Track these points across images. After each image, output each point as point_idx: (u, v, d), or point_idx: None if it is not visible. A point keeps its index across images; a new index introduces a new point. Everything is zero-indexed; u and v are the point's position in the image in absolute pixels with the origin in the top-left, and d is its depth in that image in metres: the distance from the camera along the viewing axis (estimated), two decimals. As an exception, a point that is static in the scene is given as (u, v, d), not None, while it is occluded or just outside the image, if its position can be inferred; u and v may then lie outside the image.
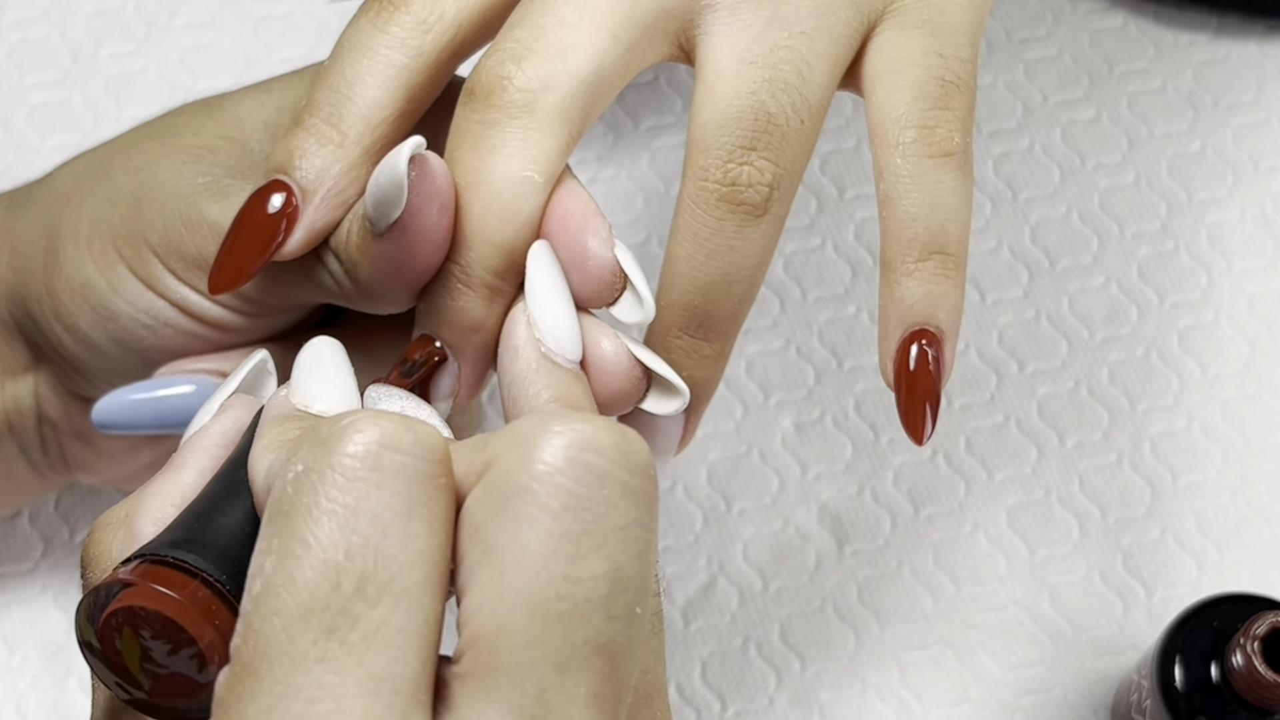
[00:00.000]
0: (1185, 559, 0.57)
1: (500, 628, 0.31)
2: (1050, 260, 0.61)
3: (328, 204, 0.41)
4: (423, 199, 0.39)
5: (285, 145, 0.41)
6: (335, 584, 0.31)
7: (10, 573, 0.55)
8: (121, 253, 0.44)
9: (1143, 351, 0.60)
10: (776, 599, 0.56)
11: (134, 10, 0.63)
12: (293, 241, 0.41)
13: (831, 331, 0.59)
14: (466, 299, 0.41)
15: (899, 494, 0.57)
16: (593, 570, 0.32)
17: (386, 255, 0.40)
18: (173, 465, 0.39)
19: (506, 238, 0.40)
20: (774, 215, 0.42)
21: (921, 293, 0.42)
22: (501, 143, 0.40)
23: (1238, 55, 0.64)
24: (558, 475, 0.32)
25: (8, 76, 0.62)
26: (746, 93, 0.41)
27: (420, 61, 0.41)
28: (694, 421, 0.45)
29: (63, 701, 0.54)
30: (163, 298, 0.44)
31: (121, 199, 0.45)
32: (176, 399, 0.44)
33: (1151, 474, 0.58)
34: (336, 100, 0.41)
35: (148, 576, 0.34)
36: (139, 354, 0.45)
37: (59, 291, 0.45)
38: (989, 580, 0.56)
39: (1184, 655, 0.49)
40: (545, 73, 0.40)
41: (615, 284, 0.41)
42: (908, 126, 0.42)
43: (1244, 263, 0.61)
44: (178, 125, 0.46)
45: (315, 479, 0.32)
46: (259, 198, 0.41)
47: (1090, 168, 0.62)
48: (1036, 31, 0.64)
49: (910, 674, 0.55)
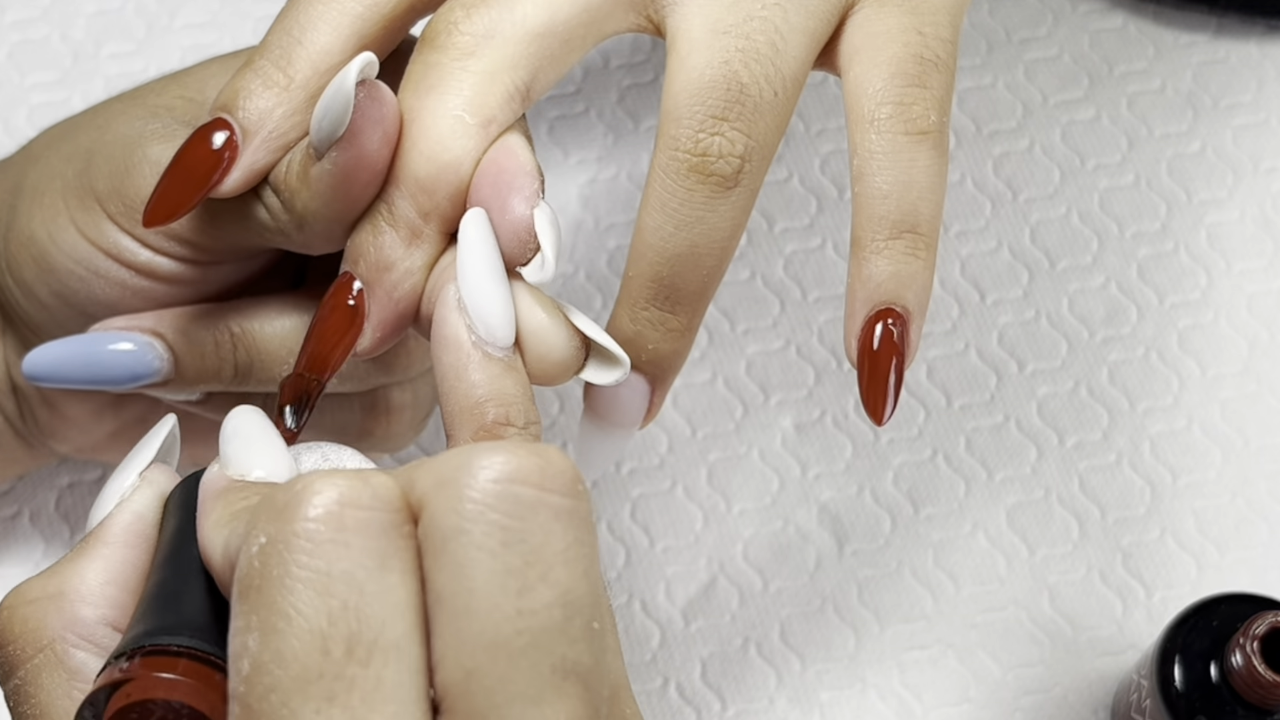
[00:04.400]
0: (1185, 559, 0.57)
1: (468, 672, 0.31)
2: (1050, 260, 0.61)
3: (267, 145, 0.41)
4: (366, 121, 0.39)
5: (232, 85, 0.42)
6: (325, 651, 0.31)
7: (10, 573, 0.55)
8: (67, 203, 0.44)
9: (1142, 352, 0.60)
10: (776, 599, 0.56)
11: (134, 11, 0.64)
12: (230, 180, 0.41)
13: (831, 331, 0.60)
14: (387, 236, 0.41)
15: (899, 494, 0.57)
16: (544, 599, 0.32)
17: (324, 177, 0.40)
18: (100, 542, 0.38)
19: (430, 174, 0.40)
20: (745, 188, 0.41)
21: (890, 271, 0.41)
22: (439, 82, 0.40)
23: (1237, 56, 0.64)
24: (490, 513, 0.32)
25: (8, 77, 0.62)
26: (719, 62, 0.41)
27: (375, 11, 0.42)
28: (659, 395, 0.44)
29: (63, 701, 0.54)
30: (97, 246, 0.44)
31: (78, 154, 0.45)
32: (108, 355, 0.44)
33: (1151, 474, 0.58)
34: (287, 44, 0.42)
35: (152, 667, 0.33)
36: (79, 309, 0.45)
37: (11, 245, 0.45)
38: (989, 580, 0.56)
39: (1183, 655, 0.49)
40: (491, 20, 0.41)
41: (529, 244, 0.40)
42: (883, 103, 0.41)
43: (1243, 263, 0.61)
44: (145, 89, 0.47)
45: (281, 549, 0.32)
46: (201, 134, 0.41)
47: (1090, 168, 0.62)
48: (1036, 32, 0.64)
49: (910, 674, 0.55)
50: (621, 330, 0.43)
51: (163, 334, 0.44)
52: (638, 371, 0.43)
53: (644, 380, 0.43)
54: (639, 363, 0.43)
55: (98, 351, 0.44)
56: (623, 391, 0.43)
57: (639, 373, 0.43)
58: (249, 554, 0.32)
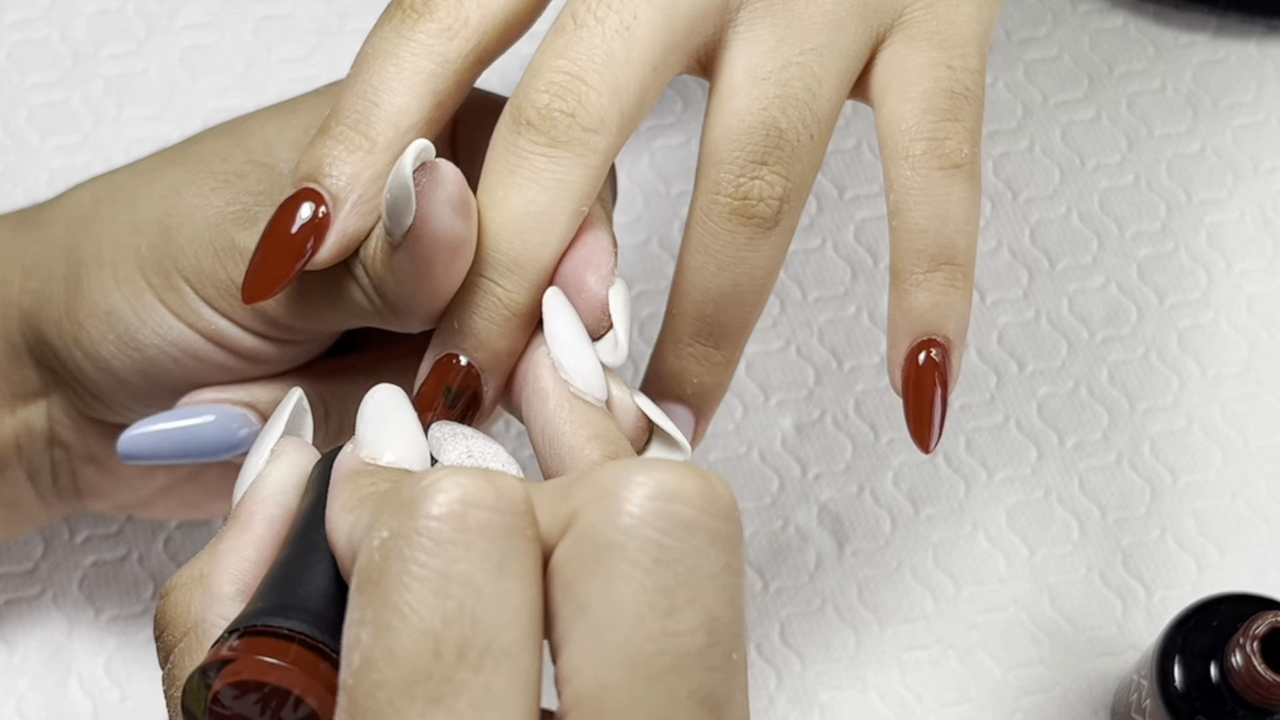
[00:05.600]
0: (1185, 559, 0.57)
1: (603, 687, 0.31)
2: (1050, 261, 0.61)
3: (358, 210, 0.41)
4: (433, 204, 0.39)
5: (313, 153, 0.41)
6: (436, 653, 0.31)
7: (10, 573, 0.55)
8: (150, 281, 0.44)
9: (1142, 352, 0.60)
10: (776, 599, 0.56)
11: (134, 11, 0.64)
12: (325, 249, 0.41)
13: (831, 331, 0.60)
14: (511, 324, 0.41)
15: (899, 494, 0.58)
16: (689, 623, 0.31)
17: (404, 265, 0.40)
18: (240, 520, 0.38)
19: (553, 267, 0.41)
20: (784, 227, 0.42)
21: (930, 303, 0.43)
22: (567, 178, 0.40)
23: (1237, 56, 0.64)
24: (646, 528, 0.32)
25: (8, 77, 0.62)
26: (759, 109, 0.42)
27: (447, 68, 0.41)
28: (703, 424, 0.45)
29: (63, 701, 0.54)
30: (193, 329, 0.43)
31: (147, 225, 0.44)
32: (200, 429, 0.43)
33: (1151, 474, 0.58)
34: (364, 107, 0.41)
35: (253, 649, 0.33)
36: (161, 383, 0.44)
37: (82, 319, 0.44)
38: (989, 580, 0.57)
39: (1183, 655, 0.49)
40: (604, 111, 0.41)
41: (602, 322, 0.41)
42: (917, 139, 0.43)
43: (1243, 263, 0.61)
44: (203, 151, 0.46)
45: (402, 545, 0.31)
46: (289, 206, 0.41)
47: (1090, 168, 0.62)
48: (1036, 32, 0.64)
49: (910, 674, 0.55)
50: (667, 365, 0.44)
51: (256, 405, 0.44)
52: (683, 404, 0.45)
53: (689, 411, 0.45)
54: (684, 395, 0.44)
55: (193, 426, 0.44)
56: None
57: (684, 405, 0.45)
58: (370, 546, 0.32)
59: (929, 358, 0.43)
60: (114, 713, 0.54)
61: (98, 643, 0.55)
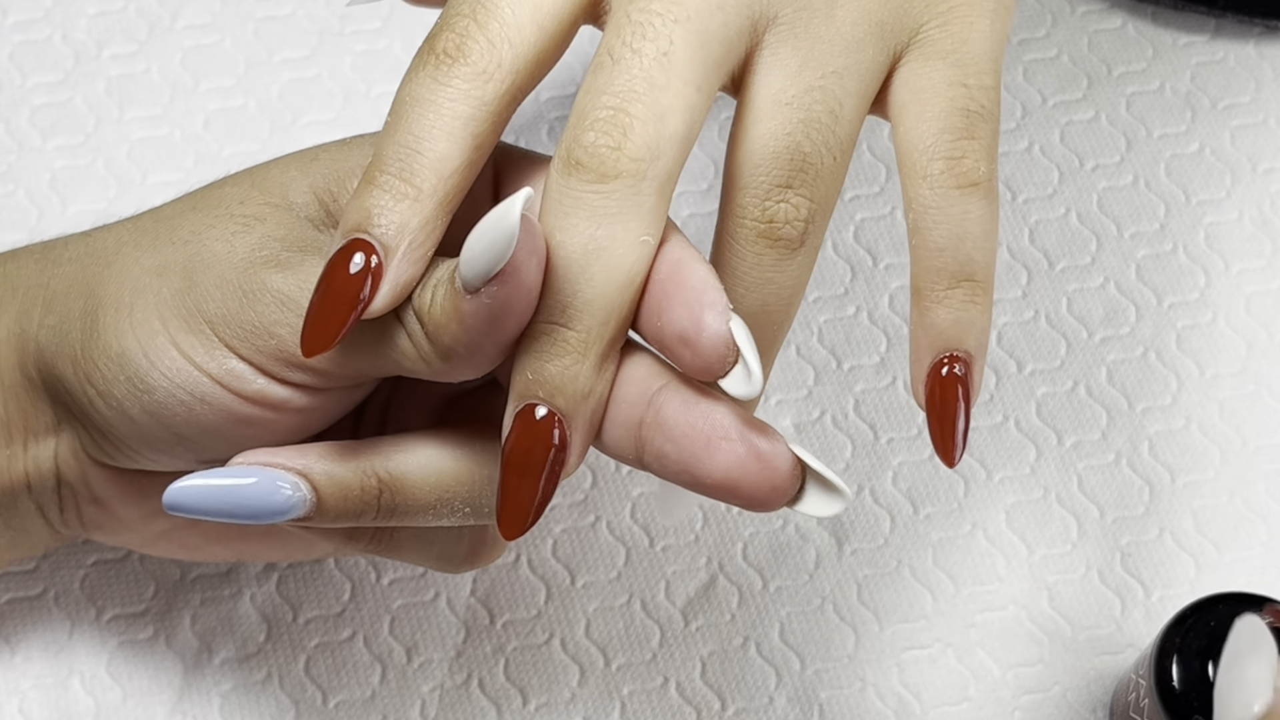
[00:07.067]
0: (1183, 558, 0.57)
1: None
2: (1049, 261, 0.61)
3: (409, 258, 0.41)
4: (526, 253, 0.39)
5: (360, 203, 0.41)
6: None
7: (12, 572, 0.55)
8: (167, 324, 0.43)
9: (1141, 352, 0.60)
10: (776, 598, 0.56)
11: (136, 12, 0.64)
12: (380, 298, 0.41)
13: (831, 331, 0.60)
14: (584, 367, 0.40)
15: (898, 494, 0.58)
16: None
17: (479, 313, 0.39)
18: None
19: (625, 303, 0.41)
20: (809, 247, 0.43)
21: (951, 319, 0.43)
22: (621, 210, 0.40)
23: (1235, 57, 0.64)
24: None
25: (10, 78, 0.62)
26: (783, 134, 0.42)
27: (484, 111, 0.41)
28: None
29: (65, 701, 0.54)
30: (205, 372, 0.43)
31: (170, 270, 0.44)
32: (243, 489, 0.43)
33: (1150, 474, 0.58)
34: (406, 155, 0.41)
35: None
36: (171, 428, 0.44)
37: (95, 358, 0.44)
38: (988, 580, 0.57)
39: (1181, 654, 0.49)
40: (651, 139, 0.41)
41: (728, 358, 0.41)
42: (935, 158, 0.43)
43: (1242, 263, 0.61)
44: (222, 196, 0.46)
45: None
46: (340, 259, 0.41)
47: (1089, 169, 0.62)
48: (1035, 33, 0.64)
49: (910, 673, 0.55)
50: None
51: (309, 474, 0.43)
52: None
53: None
54: None
55: (244, 487, 0.43)
56: None
57: None
58: None
59: (951, 372, 0.43)
60: (116, 712, 0.54)
61: (99, 642, 0.55)
